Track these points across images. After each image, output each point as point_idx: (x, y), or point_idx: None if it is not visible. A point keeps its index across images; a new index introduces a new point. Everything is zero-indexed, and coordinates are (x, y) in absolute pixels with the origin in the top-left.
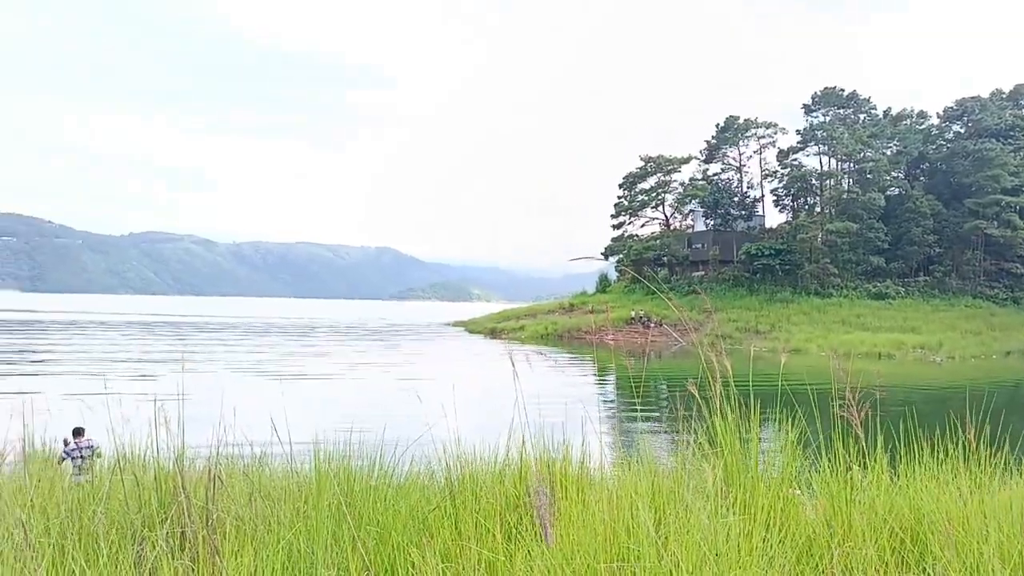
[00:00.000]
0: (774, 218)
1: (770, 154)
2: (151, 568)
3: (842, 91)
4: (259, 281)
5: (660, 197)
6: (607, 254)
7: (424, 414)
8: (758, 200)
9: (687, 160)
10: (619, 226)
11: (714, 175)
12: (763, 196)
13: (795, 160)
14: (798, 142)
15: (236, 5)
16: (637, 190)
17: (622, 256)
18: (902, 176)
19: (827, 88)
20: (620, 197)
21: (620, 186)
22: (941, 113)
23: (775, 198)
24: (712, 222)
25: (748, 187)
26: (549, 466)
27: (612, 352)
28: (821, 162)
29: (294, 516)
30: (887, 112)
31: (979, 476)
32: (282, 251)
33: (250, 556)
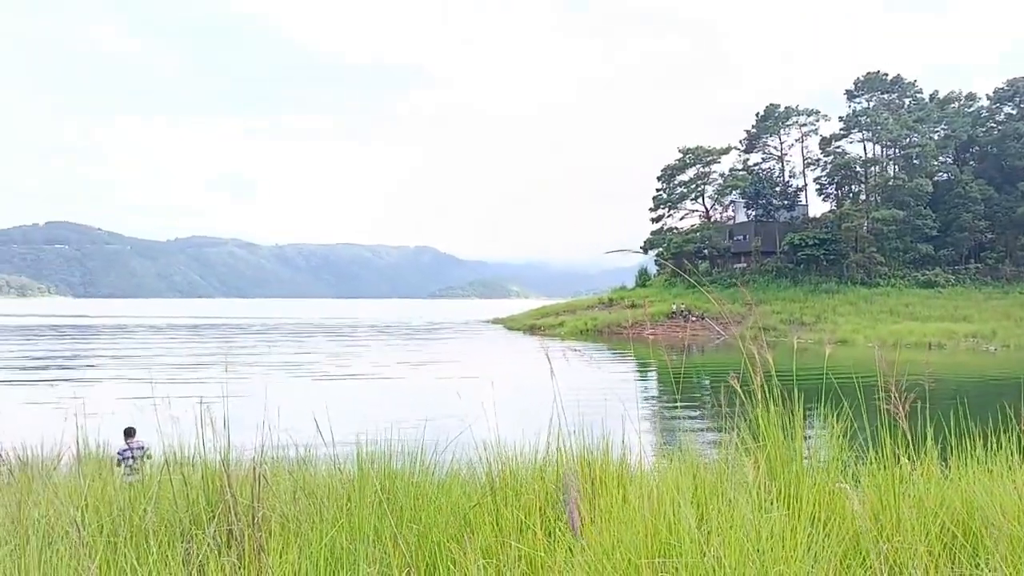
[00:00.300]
0: (817, 207)
1: (812, 142)
2: (199, 565)
3: (885, 75)
4: (302, 282)
5: (700, 189)
6: (647, 248)
7: (465, 412)
8: (800, 189)
9: (727, 150)
10: (658, 219)
11: (755, 165)
12: (806, 185)
13: (838, 147)
14: (841, 129)
15: (274, 9)
16: (676, 182)
17: (662, 249)
18: (950, 161)
19: (870, 73)
20: (659, 190)
21: (658, 179)
22: (991, 94)
23: (818, 187)
24: (754, 213)
25: (790, 176)
26: (589, 462)
27: (651, 347)
28: (865, 149)
29: (337, 513)
30: (933, 95)
31: None
32: (324, 252)
33: (294, 553)
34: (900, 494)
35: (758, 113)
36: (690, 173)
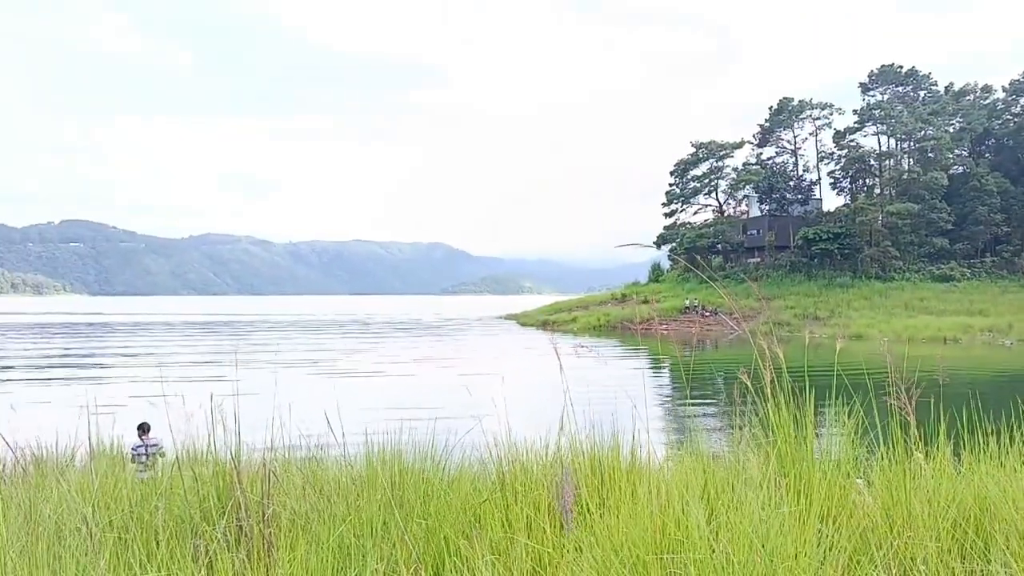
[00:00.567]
0: (831, 201)
1: (826, 136)
2: (208, 561)
3: (900, 68)
4: (315, 279)
5: (713, 183)
6: (659, 243)
7: (475, 407)
8: (814, 183)
9: (740, 145)
10: (671, 214)
11: (768, 159)
12: (819, 179)
13: (852, 141)
14: (855, 122)
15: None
16: (689, 177)
17: (675, 245)
18: (966, 154)
19: (884, 66)
20: (671, 185)
21: (671, 173)
22: (1007, 86)
23: (832, 181)
24: (767, 207)
25: (804, 170)
26: (599, 458)
27: (661, 342)
28: (879, 142)
29: (347, 509)
30: (948, 88)
31: None
32: (337, 249)
33: (303, 549)
34: (911, 489)
35: (771, 107)
36: (703, 168)
